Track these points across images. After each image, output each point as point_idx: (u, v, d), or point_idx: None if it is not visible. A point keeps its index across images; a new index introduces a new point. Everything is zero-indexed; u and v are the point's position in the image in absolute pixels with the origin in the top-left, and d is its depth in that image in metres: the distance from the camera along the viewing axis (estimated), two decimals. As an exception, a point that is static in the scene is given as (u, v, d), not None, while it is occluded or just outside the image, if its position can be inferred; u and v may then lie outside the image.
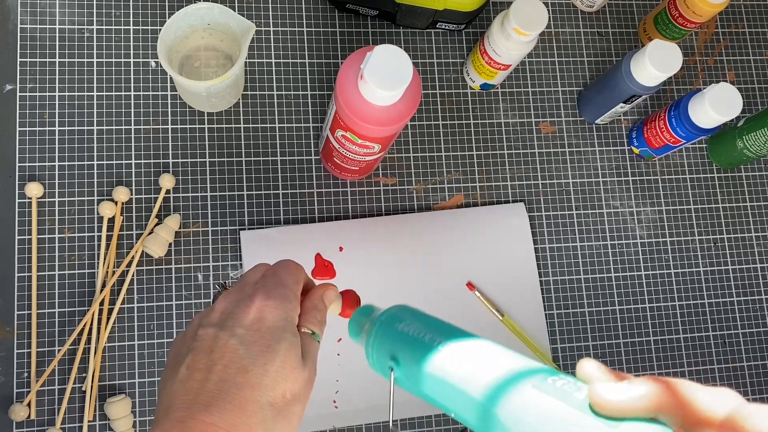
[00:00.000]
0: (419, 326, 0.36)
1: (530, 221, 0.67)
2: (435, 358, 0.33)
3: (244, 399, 0.33)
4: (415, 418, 0.61)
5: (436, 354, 0.33)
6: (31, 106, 0.61)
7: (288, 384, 0.34)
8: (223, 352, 0.34)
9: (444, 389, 0.32)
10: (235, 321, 0.35)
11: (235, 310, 0.36)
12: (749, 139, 0.66)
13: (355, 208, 0.64)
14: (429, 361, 0.33)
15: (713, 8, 0.64)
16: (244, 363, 0.34)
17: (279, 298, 0.36)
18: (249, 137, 0.64)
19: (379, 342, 0.37)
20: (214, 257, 0.61)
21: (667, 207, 0.70)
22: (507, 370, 0.30)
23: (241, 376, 0.33)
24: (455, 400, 0.31)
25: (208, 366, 0.34)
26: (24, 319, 0.57)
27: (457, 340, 0.33)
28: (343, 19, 0.68)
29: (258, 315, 0.35)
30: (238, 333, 0.35)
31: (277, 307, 0.36)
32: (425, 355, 0.33)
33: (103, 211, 0.58)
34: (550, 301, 0.66)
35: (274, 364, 0.34)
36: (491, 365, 0.31)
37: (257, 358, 0.34)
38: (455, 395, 0.31)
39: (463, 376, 0.31)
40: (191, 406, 0.32)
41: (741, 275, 0.70)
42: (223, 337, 0.34)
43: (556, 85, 0.71)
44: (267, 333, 0.35)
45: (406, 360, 0.35)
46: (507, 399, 0.28)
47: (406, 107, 0.48)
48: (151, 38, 0.64)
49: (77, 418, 0.56)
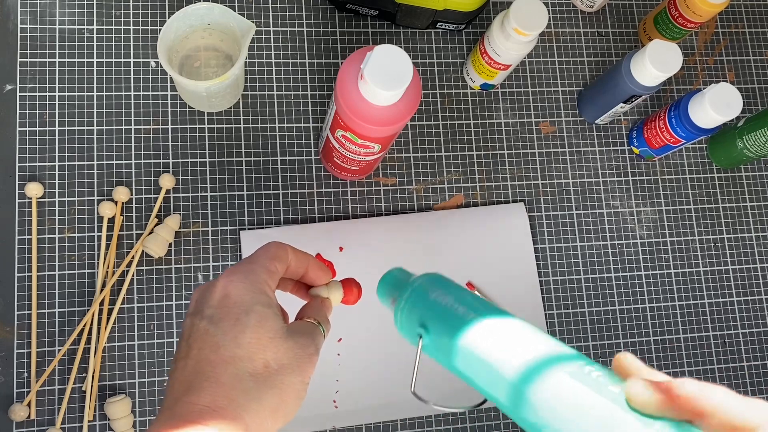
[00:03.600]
0: (453, 298, 0.36)
1: (530, 221, 0.67)
2: (468, 333, 0.33)
3: (219, 373, 0.33)
4: (415, 418, 0.61)
5: (470, 329, 0.33)
6: (31, 106, 0.61)
7: (269, 353, 0.34)
8: (197, 336, 0.35)
9: (475, 364, 0.32)
10: (204, 304, 0.36)
11: (204, 294, 0.37)
12: (749, 139, 0.66)
13: (355, 208, 0.64)
14: (462, 334, 0.33)
15: (713, 8, 0.64)
16: (215, 340, 0.34)
17: (242, 272, 0.36)
18: (249, 137, 0.64)
19: (410, 307, 0.37)
20: (214, 257, 0.61)
21: (667, 207, 0.70)
22: (543, 354, 0.29)
23: (213, 354, 0.34)
24: (485, 376, 0.31)
25: (186, 352, 0.35)
26: (24, 319, 0.57)
27: (492, 316, 0.33)
28: (343, 19, 0.68)
29: (223, 292, 0.36)
30: (206, 314, 0.35)
31: (242, 281, 0.36)
32: (458, 328, 0.33)
33: (103, 211, 0.58)
34: (550, 301, 0.66)
35: (245, 336, 0.34)
36: (526, 347, 0.30)
37: (227, 332, 0.34)
38: (486, 372, 0.31)
39: (497, 355, 0.31)
40: (175, 392, 0.33)
41: (741, 275, 0.70)
42: (195, 322, 0.35)
43: (556, 85, 0.71)
44: (234, 307, 0.35)
45: (437, 330, 0.35)
46: (541, 383, 0.28)
47: (406, 107, 0.48)
48: (151, 38, 0.64)
49: (77, 418, 0.56)
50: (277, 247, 0.39)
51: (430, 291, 0.37)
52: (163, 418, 0.32)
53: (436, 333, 0.35)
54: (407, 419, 0.60)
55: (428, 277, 0.38)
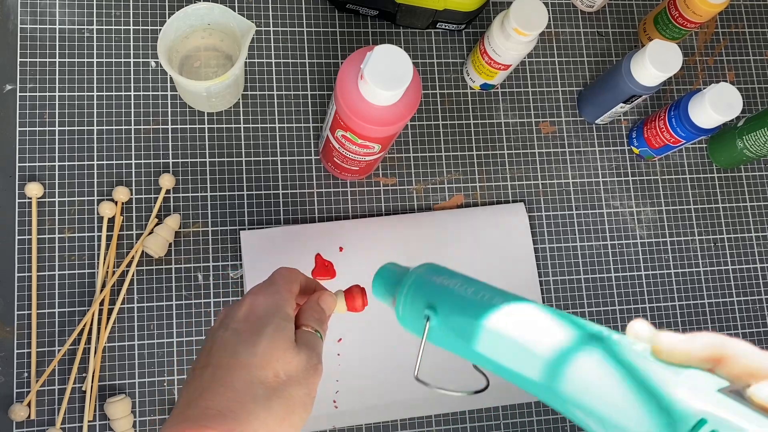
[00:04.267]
0: (459, 281, 0.36)
1: (530, 221, 0.67)
2: (490, 313, 0.33)
3: (234, 378, 0.35)
4: (415, 418, 0.61)
5: (491, 308, 0.33)
6: (31, 106, 0.61)
7: (280, 364, 0.36)
8: (219, 345, 0.37)
9: (499, 344, 0.32)
10: (230, 318, 0.38)
11: (231, 311, 0.39)
12: (749, 139, 0.66)
13: (355, 208, 0.64)
14: (481, 314, 0.33)
15: (713, 8, 0.64)
16: (235, 348, 0.36)
17: (267, 291, 0.40)
18: (249, 137, 0.64)
19: (413, 293, 0.37)
20: (214, 257, 0.61)
21: (667, 207, 0.70)
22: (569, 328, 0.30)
23: (231, 359, 0.36)
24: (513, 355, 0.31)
25: (206, 361, 0.36)
26: (24, 319, 0.57)
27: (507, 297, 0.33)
28: (343, 19, 0.68)
29: (249, 308, 0.38)
30: (231, 327, 0.38)
31: (266, 297, 0.39)
32: (475, 309, 0.33)
33: (103, 211, 0.58)
34: (550, 301, 0.66)
35: (260, 345, 0.36)
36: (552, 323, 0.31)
37: (246, 341, 0.36)
38: (515, 350, 0.31)
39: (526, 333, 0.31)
40: (189, 396, 0.35)
41: (741, 275, 0.70)
42: (219, 334, 0.38)
43: (556, 85, 0.71)
44: (256, 320, 0.38)
45: (448, 311, 0.35)
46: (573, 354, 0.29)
47: (406, 107, 0.48)
48: (151, 38, 0.64)
49: (77, 418, 0.56)
50: (288, 270, 0.42)
51: (434, 276, 0.37)
52: (176, 420, 0.33)
53: (447, 314, 0.35)
54: (407, 419, 0.60)
55: (428, 265, 0.39)
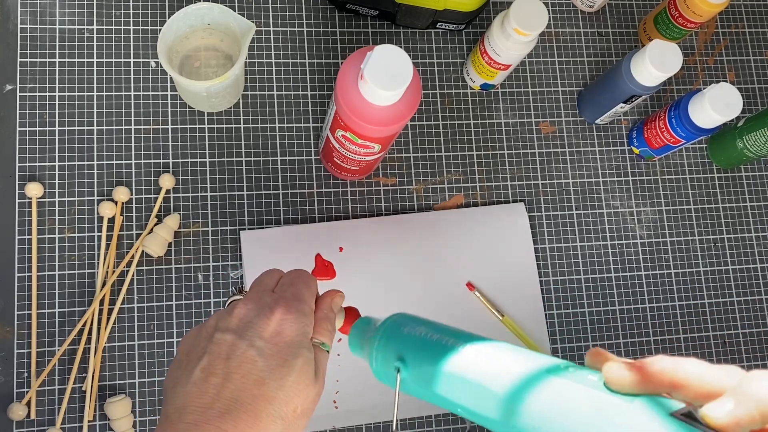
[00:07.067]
0: (425, 329, 0.36)
1: (530, 221, 0.67)
2: (450, 357, 0.33)
3: (259, 410, 0.33)
4: (415, 418, 0.61)
5: (451, 352, 0.33)
6: (31, 106, 0.61)
7: (300, 399, 0.35)
8: (241, 362, 0.34)
9: (459, 386, 0.32)
10: (254, 331, 0.36)
11: (255, 319, 0.36)
12: (749, 139, 0.66)
13: (355, 208, 0.64)
14: (444, 359, 0.33)
15: (713, 8, 0.64)
16: (261, 375, 0.34)
17: (298, 312, 0.37)
18: (249, 137, 0.64)
19: (384, 345, 0.37)
20: (214, 257, 0.61)
21: (667, 207, 0.70)
22: (524, 363, 0.31)
23: (257, 388, 0.34)
24: (472, 396, 0.32)
25: (225, 373, 0.34)
26: (24, 319, 0.57)
27: (468, 339, 0.34)
28: (343, 19, 0.68)
29: (278, 328, 0.36)
30: (257, 344, 0.35)
31: (296, 322, 0.36)
32: (439, 354, 0.34)
33: (103, 211, 0.58)
34: (550, 301, 0.66)
35: (289, 379, 0.35)
36: (509, 361, 0.31)
37: (274, 371, 0.35)
38: (473, 391, 0.32)
39: (482, 373, 0.32)
40: (206, 411, 0.33)
41: (741, 275, 0.70)
42: (241, 346, 0.35)
43: (556, 85, 0.71)
44: (285, 347, 0.35)
45: (415, 360, 0.35)
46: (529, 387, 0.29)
47: (406, 107, 0.48)
48: (151, 38, 0.64)
49: (77, 418, 0.56)
50: (314, 282, 0.40)
51: (402, 326, 0.37)
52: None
53: (415, 364, 0.35)
54: (407, 419, 0.60)
55: (397, 315, 0.39)
